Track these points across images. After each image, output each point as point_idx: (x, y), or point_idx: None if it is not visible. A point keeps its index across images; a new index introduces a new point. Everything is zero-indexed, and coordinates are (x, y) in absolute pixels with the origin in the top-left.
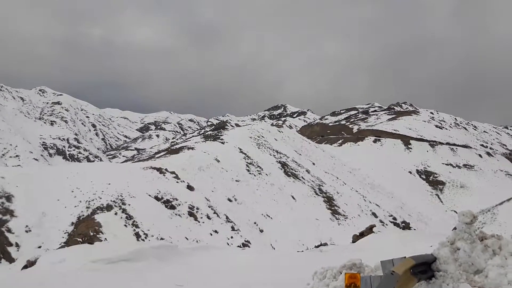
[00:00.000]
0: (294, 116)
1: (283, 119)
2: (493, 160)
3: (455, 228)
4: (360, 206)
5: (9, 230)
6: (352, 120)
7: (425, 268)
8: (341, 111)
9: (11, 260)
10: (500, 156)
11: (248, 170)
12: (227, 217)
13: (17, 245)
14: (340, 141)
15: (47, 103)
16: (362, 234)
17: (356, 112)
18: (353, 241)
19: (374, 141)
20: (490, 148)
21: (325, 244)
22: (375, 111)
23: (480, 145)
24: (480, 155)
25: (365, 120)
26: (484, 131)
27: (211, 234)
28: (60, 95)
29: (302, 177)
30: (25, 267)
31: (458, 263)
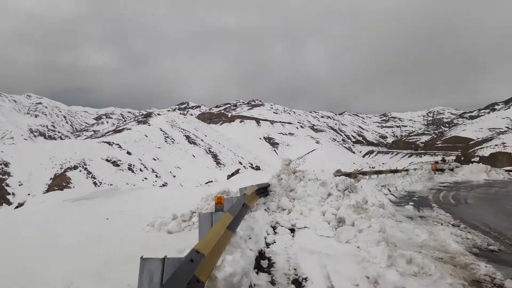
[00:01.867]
0: (194, 108)
1: (186, 110)
2: (304, 130)
3: (280, 168)
4: (232, 158)
5: (7, 185)
6: (227, 109)
7: (264, 190)
8: (221, 105)
9: (9, 204)
10: (307, 128)
11: (166, 141)
12: (152, 169)
13: (13, 194)
14: (220, 122)
15: (32, 103)
16: (232, 174)
17: (230, 105)
18: (227, 179)
19: (240, 122)
20: (302, 123)
21: (211, 181)
22: (240, 104)
23: (297, 122)
24: (297, 127)
25: (235, 110)
26: (299, 114)
27: (143, 180)
28: (41, 98)
29: (199, 144)
30: (17, 207)
31: (281, 186)
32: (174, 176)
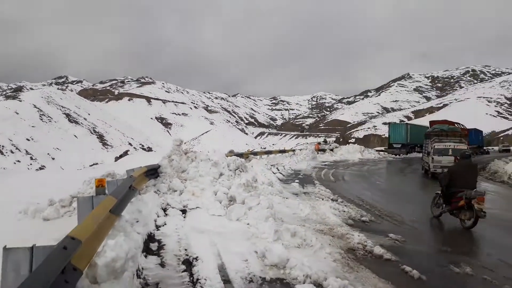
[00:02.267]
0: (74, 83)
1: (65, 85)
2: (198, 111)
3: (171, 149)
4: (121, 139)
5: None
6: (113, 86)
7: (154, 172)
8: (106, 81)
9: None
10: (201, 109)
11: (42, 119)
12: (26, 151)
13: None
14: (106, 100)
15: None
16: (121, 156)
17: (116, 81)
18: (115, 161)
19: (129, 100)
20: (196, 104)
21: (96, 164)
22: (128, 81)
23: (191, 102)
24: (191, 108)
25: (123, 87)
26: (193, 95)
27: (15, 163)
28: None
29: (81, 123)
30: None
31: (172, 167)
32: (53, 159)
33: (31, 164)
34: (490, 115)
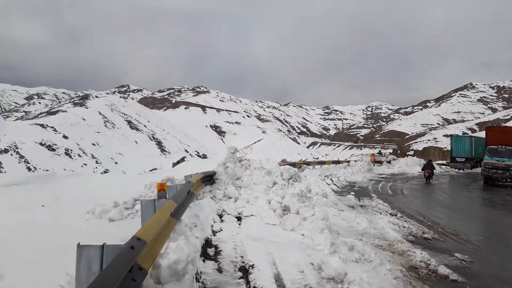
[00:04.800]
0: (135, 92)
1: (127, 94)
2: (250, 120)
3: (226, 156)
4: (178, 146)
5: None
6: (171, 95)
7: (210, 178)
8: (165, 90)
9: None
10: (254, 118)
11: (106, 126)
12: (92, 155)
13: None
14: (164, 108)
15: None
16: (178, 162)
17: (174, 90)
18: (173, 166)
19: (185, 108)
20: (249, 113)
21: (156, 169)
22: (185, 90)
23: (244, 111)
24: (243, 117)
25: (179, 96)
26: (245, 104)
27: (82, 166)
28: None
29: (142, 130)
30: None
31: (227, 174)
32: (116, 163)
33: (96, 167)
34: None
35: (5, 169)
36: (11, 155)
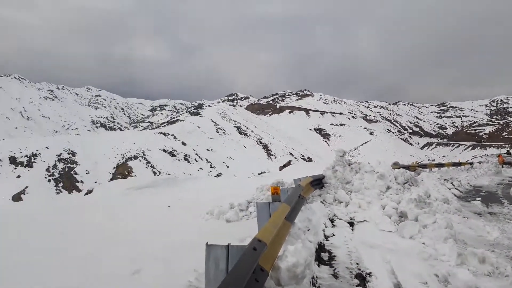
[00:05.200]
0: (242, 99)
1: (235, 101)
2: (356, 121)
3: (334, 159)
4: (283, 150)
5: (76, 173)
6: (275, 100)
7: (318, 182)
8: (269, 96)
9: (78, 190)
10: (360, 119)
11: (217, 132)
12: (207, 160)
13: (81, 181)
14: (270, 113)
15: (92, 95)
16: (284, 166)
17: (278, 95)
18: (280, 170)
19: (289, 112)
20: (354, 114)
21: (264, 172)
22: (288, 94)
23: (349, 112)
24: (348, 118)
25: (283, 100)
26: (350, 104)
27: (198, 170)
28: (99, 90)
29: (249, 135)
30: (86, 193)
31: (336, 178)
32: (228, 167)
33: (210, 171)
34: None
35: (135, 173)
36: (140, 161)
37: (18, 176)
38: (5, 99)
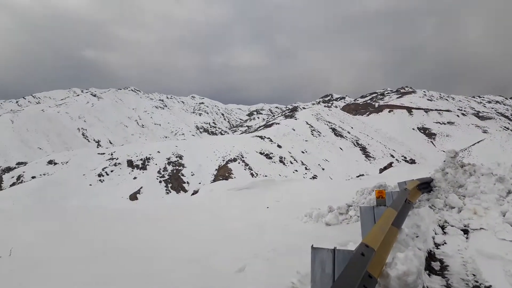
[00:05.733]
0: (338, 100)
1: (330, 102)
2: (466, 118)
3: (444, 161)
4: (383, 151)
5: (182, 175)
6: (373, 99)
7: (426, 186)
8: (367, 95)
9: (185, 191)
10: (471, 116)
11: (312, 134)
12: (302, 162)
13: (187, 183)
14: (367, 113)
15: (196, 103)
16: (385, 168)
17: (376, 94)
18: (380, 172)
19: (389, 112)
20: (464, 111)
21: (362, 175)
22: (388, 93)
23: (458, 109)
24: (457, 115)
25: (382, 99)
26: (459, 100)
27: (293, 172)
28: (203, 98)
29: (345, 136)
30: (193, 194)
31: (447, 181)
32: (323, 169)
33: (306, 173)
34: None
35: (235, 175)
36: (238, 163)
37: (134, 178)
38: (123, 110)
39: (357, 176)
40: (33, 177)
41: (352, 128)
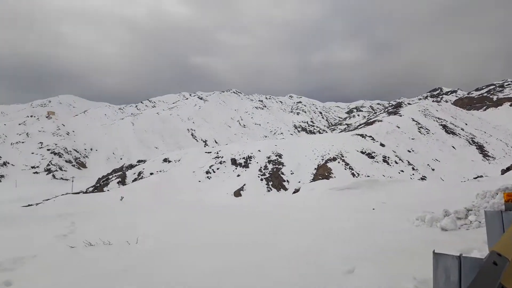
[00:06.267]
0: (448, 94)
1: (440, 97)
2: None
3: None
4: (504, 150)
5: (282, 173)
6: (491, 92)
7: None
8: (483, 87)
9: (285, 189)
10: None
11: (420, 131)
12: (408, 162)
13: (287, 181)
14: (484, 108)
15: (294, 102)
16: (508, 169)
17: (494, 86)
18: (502, 174)
19: (510, 105)
20: None
21: (481, 176)
22: (508, 84)
23: None
24: None
25: (502, 91)
26: None
27: (399, 173)
28: (300, 97)
29: (458, 133)
30: (294, 192)
31: None
32: (433, 170)
33: (413, 174)
34: None
35: (335, 174)
36: (338, 162)
37: (238, 175)
38: (226, 111)
39: (475, 178)
40: (151, 173)
41: (466, 124)
